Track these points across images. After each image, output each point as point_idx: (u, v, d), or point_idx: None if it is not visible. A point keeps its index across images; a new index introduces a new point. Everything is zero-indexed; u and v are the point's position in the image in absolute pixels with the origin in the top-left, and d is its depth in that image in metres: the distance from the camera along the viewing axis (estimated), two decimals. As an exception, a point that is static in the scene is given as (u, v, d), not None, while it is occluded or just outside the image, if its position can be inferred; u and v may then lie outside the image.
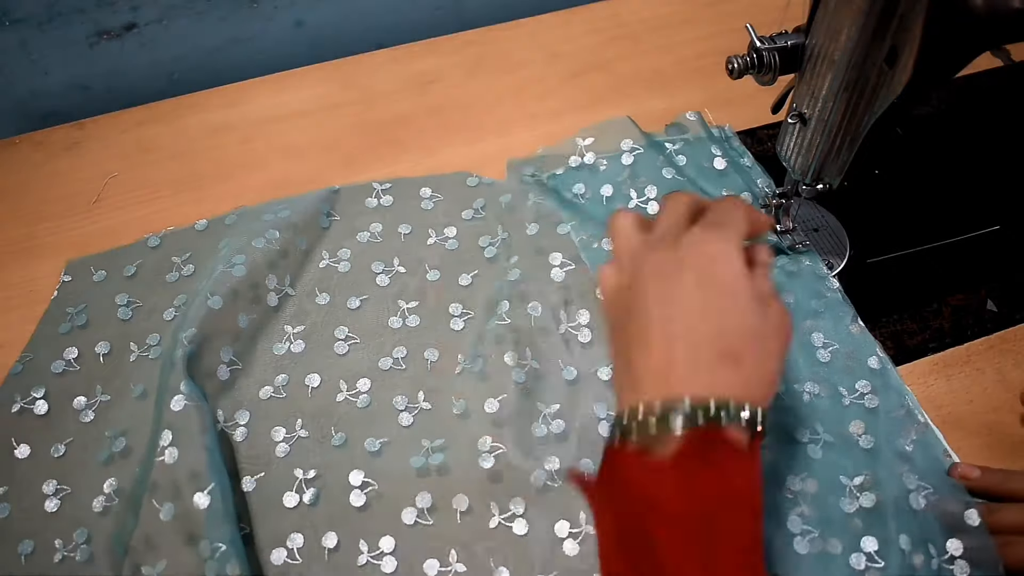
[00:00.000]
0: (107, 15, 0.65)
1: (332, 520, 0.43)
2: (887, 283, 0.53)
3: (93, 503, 0.44)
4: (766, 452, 0.44)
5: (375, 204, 0.58)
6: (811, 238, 0.55)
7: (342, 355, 0.50)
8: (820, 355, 0.48)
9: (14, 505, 0.44)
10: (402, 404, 0.48)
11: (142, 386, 0.48)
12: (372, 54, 0.69)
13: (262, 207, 0.57)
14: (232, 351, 0.49)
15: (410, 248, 0.55)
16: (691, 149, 0.58)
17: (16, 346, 0.51)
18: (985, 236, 0.55)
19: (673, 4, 0.73)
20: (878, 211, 0.56)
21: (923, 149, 0.60)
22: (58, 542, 0.43)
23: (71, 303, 0.52)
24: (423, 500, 0.43)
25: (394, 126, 0.64)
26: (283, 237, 0.53)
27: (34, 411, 0.47)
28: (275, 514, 0.44)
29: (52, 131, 0.64)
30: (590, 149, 0.58)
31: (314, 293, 0.53)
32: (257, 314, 0.50)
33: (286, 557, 0.42)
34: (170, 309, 0.51)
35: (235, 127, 0.64)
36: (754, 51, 0.44)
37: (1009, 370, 0.48)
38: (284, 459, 0.46)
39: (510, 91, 0.66)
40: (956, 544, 0.41)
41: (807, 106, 0.45)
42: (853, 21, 0.40)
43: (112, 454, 0.45)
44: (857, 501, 0.43)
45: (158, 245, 0.55)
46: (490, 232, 0.55)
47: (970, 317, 0.51)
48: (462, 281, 0.53)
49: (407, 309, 0.52)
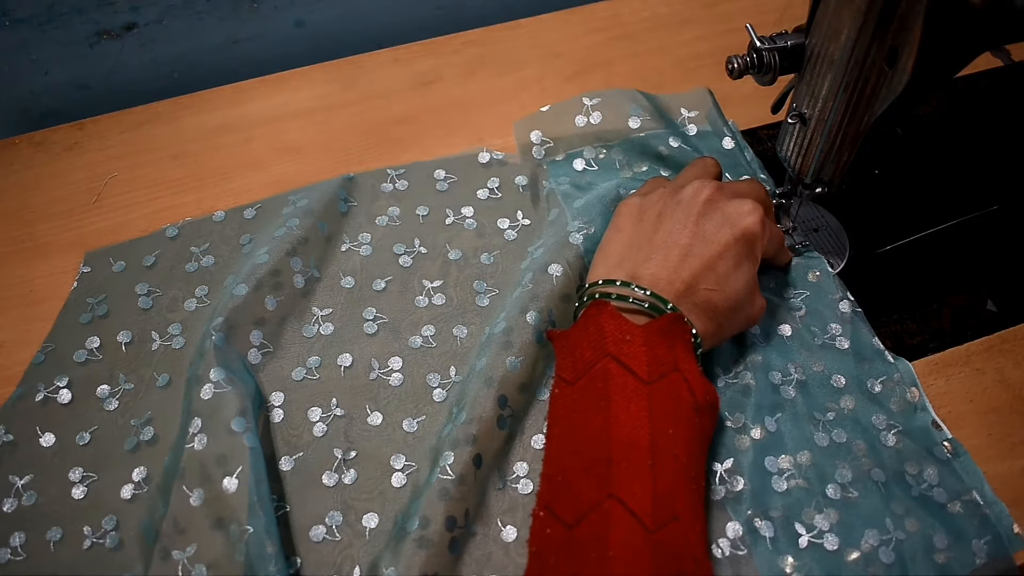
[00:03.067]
0: (107, 15, 0.65)
1: (372, 498, 0.44)
2: (887, 282, 0.53)
3: (121, 491, 0.44)
4: (739, 395, 0.46)
5: (391, 189, 0.58)
6: (811, 238, 0.55)
7: (372, 335, 0.51)
8: (793, 303, 0.50)
9: (41, 493, 0.45)
10: (435, 381, 0.48)
11: (167, 375, 0.49)
12: (372, 54, 0.69)
13: (279, 197, 0.57)
14: (262, 334, 0.49)
15: (429, 229, 0.56)
16: (699, 133, 0.59)
17: (16, 346, 0.51)
18: (985, 236, 0.55)
19: (673, 4, 0.73)
20: (878, 211, 0.56)
21: (923, 149, 0.60)
22: (87, 529, 0.43)
23: (91, 294, 0.53)
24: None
25: (394, 126, 0.64)
26: (304, 223, 0.53)
27: (58, 400, 0.48)
28: (314, 493, 0.44)
29: (52, 131, 0.64)
30: (596, 109, 0.59)
31: (339, 276, 0.53)
32: (284, 296, 0.51)
33: (325, 534, 0.43)
34: (191, 300, 0.52)
35: (235, 127, 0.64)
36: (754, 51, 0.44)
37: (1009, 370, 0.48)
38: (322, 439, 0.46)
39: (510, 91, 0.66)
40: (932, 472, 0.43)
41: (807, 106, 0.45)
42: (853, 21, 0.40)
43: (139, 442, 0.46)
44: (829, 435, 0.45)
45: (176, 236, 0.56)
46: (508, 215, 0.56)
47: (970, 317, 0.51)
48: (484, 259, 0.54)
49: (432, 289, 0.53)
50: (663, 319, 0.40)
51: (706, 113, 0.60)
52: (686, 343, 0.40)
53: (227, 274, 0.53)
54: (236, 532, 0.40)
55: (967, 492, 0.42)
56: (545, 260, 0.50)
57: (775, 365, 0.47)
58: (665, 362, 0.39)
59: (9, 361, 0.50)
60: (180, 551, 0.40)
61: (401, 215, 0.57)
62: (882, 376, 0.46)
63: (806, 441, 0.44)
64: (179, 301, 0.52)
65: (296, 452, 0.46)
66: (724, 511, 0.42)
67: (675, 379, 0.39)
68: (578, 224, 0.51)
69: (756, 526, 0.41)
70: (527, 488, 0.44)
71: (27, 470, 0.45)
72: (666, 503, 0.35)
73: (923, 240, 0.54)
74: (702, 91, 0.60)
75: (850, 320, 0.49)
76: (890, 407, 0.45)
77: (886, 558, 0.40)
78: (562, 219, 0.54)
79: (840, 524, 0.41)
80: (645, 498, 0.35)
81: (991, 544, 0.40)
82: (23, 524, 0.43)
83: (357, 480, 0.45)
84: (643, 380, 0.38)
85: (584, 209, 0.53)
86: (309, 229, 0.53)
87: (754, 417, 0.45)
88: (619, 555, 0.33)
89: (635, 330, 0.40)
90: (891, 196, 0.57)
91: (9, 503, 0.44)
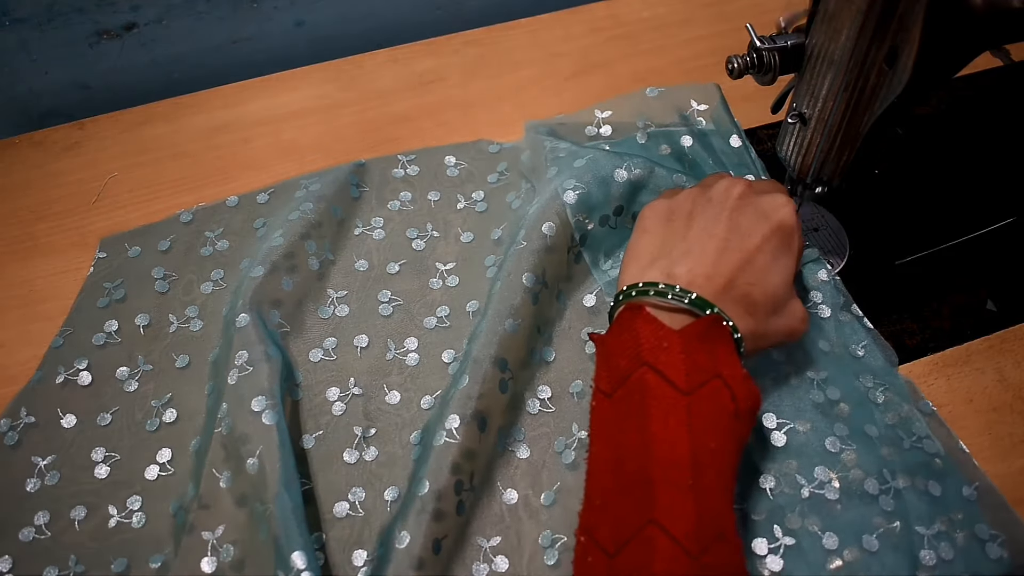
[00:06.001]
0: (107, 15, 0.65)
1: (393, 473, 0.45)
2: (887, 282, 0.53)
3: (146, 471, 0.45)
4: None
5: (402, 174, 0.59)
6: (811, 238, 0.55)
7: (387, 316, 0.51)
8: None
9: (64, 473, 0.45)
10: (450, 357, 0.49)
11: (186, 356, 0.49)
12: (372, 54, 0.69)
13: (292, 182, 0.58)
14: (279, 314, 0.50)
15: (441, 213, 0.57)
16: (705, 135, 0.58)
17: (16, 346, 0.51)
18: (986, 236, 0.55)
19: (672, 4, 0.73)
20: (878, 211, 0.56)
21: (923, 149, 0.60)
22: (112, 508, 0.44)
23: (108, 279, 0.53)
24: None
25: (394, 126, 0.64)
26: (317, 207, 0.54)
27: (78, 382, 0.48)
28: (336, 470, 0.45)
29: (52, 131, 0.64)
30: (607, 122, 0.59)
31: (353, 259, 0.54)
32: (300, 278, 0.51)
33: (348, 510, 0.43)
34: (207, 283, 0.53)
35: (235, 127, 0.64)
36: (754, 51, 0.44)
37: (1009, 370, 0.48)
38: (341, 417, 0.47)
39: (510, 91, 0.66)
40: (922, 426, 0.45)
41: (807, 106, 0.45)
42: (853, 21, 0.40)
43: (161, 423, 0.47)
44: (824, 393, 0.46)
45: (190, 221, 0.56)
46: (515, 188, 0.57)
47: (970, 317, 0.51)
48: (494, 236, 0.55)
49: (445, 271, 0.53)
50: (701, 321, 0.38)
51: (714, 108, 0.60)
52: (727, 344, 0.38)
53: (241, 257, 0.54)
54: (259, 510, 0.40)
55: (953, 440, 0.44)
56: (538, 217, 0.50)
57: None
58: (705, 368, 0.37)
59: (9, 361, 0.50)
60: (209, 532, 0.41)
61: (413, 200, 0.57)
62: (863, 342, 0.48)
63: (798, 407, 0.46)
64: (195, 284, 0.53)
65: (317, 431, 0.46)
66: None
67: (716, 386, 0.37)
68: (573, 183, 0.51)
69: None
70: (524, 453, 0.45)
71: (49, 451, 0.46)
72: (709, 523, 0.33)
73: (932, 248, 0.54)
74: (711, 86, 0.60)
75: (830, 290, 0.50)
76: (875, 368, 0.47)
77: (886, 506, 0.42)
78: (559, 177, 0.53)
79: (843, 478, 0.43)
80: (688, 521, 0.33)
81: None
82: (47, 503, 0.44)
83: (378, 457, 0.45)
84: (681, 391, 0.36)
85: (583, 170, 0.52)
86: (323, 213, 0.54)
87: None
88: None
89: (672, 336, 0.37)
90: (891, 197, 0.57)
91: (32, 483, 0.45)
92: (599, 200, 0.51)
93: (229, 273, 0.53)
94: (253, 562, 0.40)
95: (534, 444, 0.45)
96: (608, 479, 0.36)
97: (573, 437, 0.46)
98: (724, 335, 0.38)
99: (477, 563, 0.41)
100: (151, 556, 0.42)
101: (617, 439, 0.36)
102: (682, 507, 0.33)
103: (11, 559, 0.42)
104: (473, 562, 0.41)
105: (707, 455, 0.35)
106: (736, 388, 0.37)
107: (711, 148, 0.57)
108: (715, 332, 0.38)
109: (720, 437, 0.36)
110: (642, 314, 0.39)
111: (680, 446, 0.35)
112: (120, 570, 0.42)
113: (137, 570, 0.42)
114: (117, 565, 0.42)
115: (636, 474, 0.35)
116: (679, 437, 0.35)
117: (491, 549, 0.42)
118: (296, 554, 0.38)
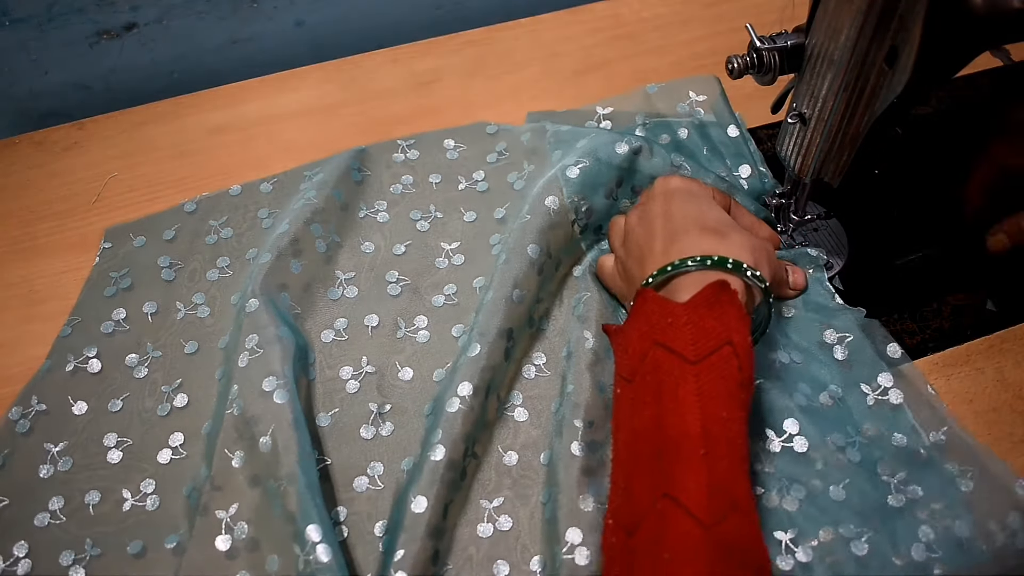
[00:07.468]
0: (107, 15, 0.65)
1: (412, 447, 0.45)
2: (887, 282, 0.53)
3: (159, 455, 0.45)
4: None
5: (402, 159, 0.60)
6: (811, 238, 0.55)
7: (395, 296, 0.52)
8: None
9: (76, 458, 0.46)
10: (459, 331, 0.50)
11: (195, 343, 0.50)
12: (372, 54, 0.69)
13: (295, 172, 0.59)
14: (289, 296, 0.50)
15: (443, 194, 0.57)
16: (703, 126, 0.58)
17: (16, 346, 0.51)
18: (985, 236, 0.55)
19: (673, 4, 0.73)
20: (878, 211, 0.56)
21: (923, 149, 0.60)
22: (125, 492, 0.44)
23: (114, 268, 0.54)
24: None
25: (394, 126, 0.64)
26: (320, 194, 0.54)
27: (88, 370, 0.49)
28: (353, 446, 0.46)
29: (52, 131, 0.64)
30: (607, 118, 0.60)
31: (359, 242, 0.55)
32: (308, 261, 0.52)
33: (368, 484, 0.44)
34: (213, 270, 0.53)
35: (235, 127, 0.64)
36: (754, 51, 0.44)
37: (1009, 370, 0.48)
38: (356, 395, 0.48)
39: (510, 91, 0.66)
40: (887, 377, 0.46)
41: (807, 106, 0.45)
42: (853, 21, 0.40)
43: (172, 408, 0.47)
44: (789, 355, 0.47)
45: (194, 210, 0.57)
46: (516, 168, 0.58)
47: (970, 317, 0.51)
48: (497, 215, 0.55)
49: (451, 251, 0.54)
50: (707, 289, 0.38)
51: (713, 100, 0.59)
52: (737, 307, 0.38)
53: (246, 245, 0.55)
54: (273, 488, 0.41)
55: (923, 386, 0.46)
56: (542, 192, 0.51)
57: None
58: (715, 334, 0.37)
59: (9, 361, 0.50)
60: (223, 511, 0.42)
61: (415, 183, 0.58)
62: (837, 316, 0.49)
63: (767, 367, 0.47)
64: (201, 272, 0.54)
65: (332, 409, 0.47)
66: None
67: (725, 353, 0.37)
68: (575, 158, 0.52)
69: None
70: (522, 416, 0.46)
71: (61, 437, 0.46)
72: (723, 494, 0.33)
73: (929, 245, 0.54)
74: (711, 78, 0.60)
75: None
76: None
77: (853, 457, 0.44)
78: (561, 153, 0.55)
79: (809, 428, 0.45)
80: (700, 492, 0.33)
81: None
82: (61, 488, 0.45)
83: (394, 431, 0.46)
84: (689, 360, 0.37)
85: (584, 147, 0.53)
86: (326, 199, 0.54)
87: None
88: (675, 556, 0.32)
89: (677, 309, 0.38)
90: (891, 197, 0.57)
91: (46, 469, 0.45)
92: (601, 173, 0.52)
93: (234, 260, 0.54)
94: (268, 539, 0.41)
95: (531, 407, 0.47)
96: (628, 460, 0.37)
97: (566, 396, 0.46)
98: (732, 298, 0.39)
99: (482, 523, 0.43)
100: (167, 537, 0.43)
101: (635, 420, 0.37)
102: (695, 478, 0.33)
103: (27, 544, 0.43)
104: (478, 523, 0.43)
105: (718, 424, 0.35)
106: (743, 356, 0.37)
107: (708, 138, 0.57)
108: (723, 297, 0.38)
109: (730, 406, 0.36)
110: (647, 295, 0.40)
111: (690, 415, 0.35)
112: (136, 552, 0.42)
113: (153, 551, 0.42)
114: (133, 547, 0.42)
115: (651, 450, 0.35)
116: (689, 407, 0.35)
117: (495, 510, 0.43)
118: (311, 527, 0.39)
